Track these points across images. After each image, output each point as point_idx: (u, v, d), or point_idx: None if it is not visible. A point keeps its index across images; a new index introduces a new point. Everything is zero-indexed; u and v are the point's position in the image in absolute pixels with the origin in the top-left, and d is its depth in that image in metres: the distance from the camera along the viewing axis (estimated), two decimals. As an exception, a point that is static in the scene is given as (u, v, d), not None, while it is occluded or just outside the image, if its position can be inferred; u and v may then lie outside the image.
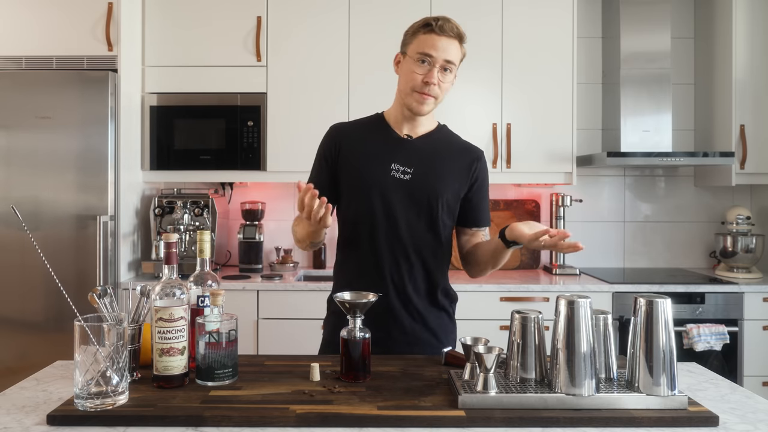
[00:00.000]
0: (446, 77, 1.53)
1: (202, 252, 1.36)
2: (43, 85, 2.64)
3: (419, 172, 1.55)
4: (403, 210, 1.54)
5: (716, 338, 2.65)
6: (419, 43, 1.52)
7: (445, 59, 1.51)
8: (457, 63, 1.55)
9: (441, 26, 1.51)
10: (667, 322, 1.14)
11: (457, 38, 1.54)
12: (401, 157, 1.56)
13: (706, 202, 3.34)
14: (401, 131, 1.60)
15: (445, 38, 1.51)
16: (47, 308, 2.62)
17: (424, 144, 1.60)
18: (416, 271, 1.56)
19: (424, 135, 1.62)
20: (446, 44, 1.51)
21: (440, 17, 1.54)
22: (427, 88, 1.50)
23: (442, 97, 1.56)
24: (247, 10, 2.95)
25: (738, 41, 2.97)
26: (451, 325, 1.67)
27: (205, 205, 2.95)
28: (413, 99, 1.53)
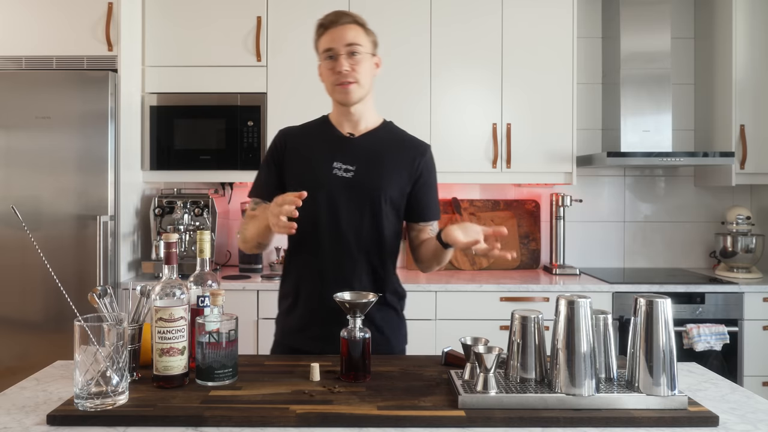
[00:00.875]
0: (357, 60, 1.54)
1: (202, 252, 1.36)
2: (43, 85, 2.64)
3: (361, 169, 1.57)
4: (346, 208, 1.55)
5: (716, 338, 2.65)
6: (321, 44, 1.58)
7: (344, 44, 1.53)
8: (362, 43, 1.55)
9: (331, 20, 1.56)
10: (667, 322, 1.14)
11: (353, 23, 1.56)
12: (343, 155, 1.58)
13: (706, 202, 3.34)
14: (344, 130, 1.63)
15: (339, 27, 1.54)
16: (47, 308, 2.62)
17: (367, 141, 1.61)
18: (360, 269, 1.57)
19: (367, 132, 1.63)
20: (341, 32, 1.54)
21: (329, 13, 1.57)
22: (341, 77, 1.53)
23: (365, 81, 1.57)
24: (247, 10, 2.95)
25: (738, 41, 2.97)
26: (400, 322, 1.68)
27: (205, 205, 2.95)
28: (337, 93, 1.56)
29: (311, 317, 1.57)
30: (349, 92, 1.54)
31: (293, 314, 1.62)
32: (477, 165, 2.98)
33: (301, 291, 1.60)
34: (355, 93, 1.55)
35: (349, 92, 1.54)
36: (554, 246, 3.17)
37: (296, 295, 1.61)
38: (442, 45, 2.98)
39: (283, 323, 1.65)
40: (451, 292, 2.71)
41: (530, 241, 3.27)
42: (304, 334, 1.58)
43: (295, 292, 1.61)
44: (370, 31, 1.60)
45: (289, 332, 1.62)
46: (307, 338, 1.57)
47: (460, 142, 2.98)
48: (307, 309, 1.58)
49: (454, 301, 2.71)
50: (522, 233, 3.27)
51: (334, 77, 1.54)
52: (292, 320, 1.62)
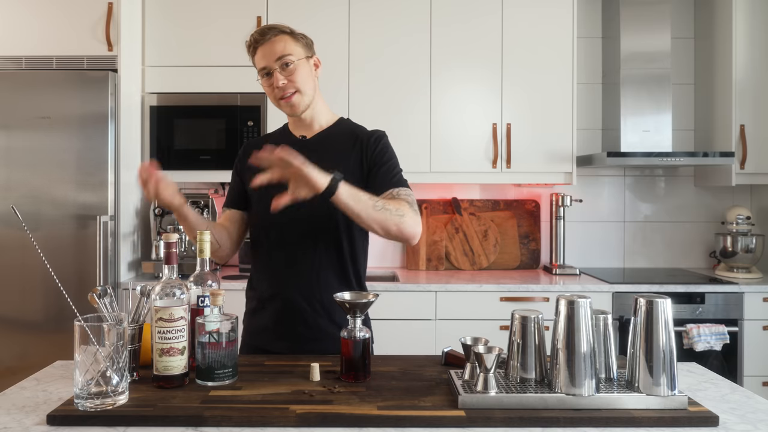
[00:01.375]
0: (291, 70, 1.54)
1: (202, 252, 1.36)
2: (43, 85, 2.64)
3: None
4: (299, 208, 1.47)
5: (716, 338, 2.65)
6: (256, 63, 1.59)
7: (275, 59, 1.54)
8: (292, 52, 1.54)
9: (255, 39, 1.56)
10: (667, 322, 1.14)
11: (280, 34, 1.55)
12: None
13: (706, 202, 3.34)
14: (297, 134, 1.65)
15: (267, 44, 1.55)
16: (47, 308, 2.62)
17: (319, 141, 1.63)
18: (321, 267, 1.56)
19: (320, 132, 1.64)
20: (269, 47, 1.54)
21: (254, 31, 1.57)
22: (280, 92, 1.55)
23: (306, 88, 1.56)
24: (247, 10, 2.95)
25: (738, 41, 2.97)
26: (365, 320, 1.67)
27: (205, 205, 2.95)
28: (283, 107, 1.59)
29: (274, 317, 1.58)
30: (293, 104, 1.56)
31: (257, 315, 1.63)
32: (477, 165, 2.98)
33: (263, 291, 1.61)
34: (299, 102, 1.57)
35: (293, 104, 1.56)
36: (554, 246, 3.17)
37: (259, 296, 1.62)
38: (442, 45, 2.98)
39: (248, 323, 1.66)
40: (451, 292, 2.71)
41: (530, 241, 3.27)
42: (270, 334, 1.58)
43: (258, 293, 1.63)
44: (299, 36, 1.58)
45: (255, 332, 1.63)
46: (273, 338, 1.58)
47: (460, 142, 2.98)
48: (270, 309, 1.59)
49: (454, 301, 2.71)
50: (522, 233, 3.27)
51: (274, 92, 1.56)
52: (257, 320, 1.63)
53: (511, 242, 3.26)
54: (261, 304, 1.62)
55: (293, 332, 1.56)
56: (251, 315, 1.65)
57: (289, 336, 1.56)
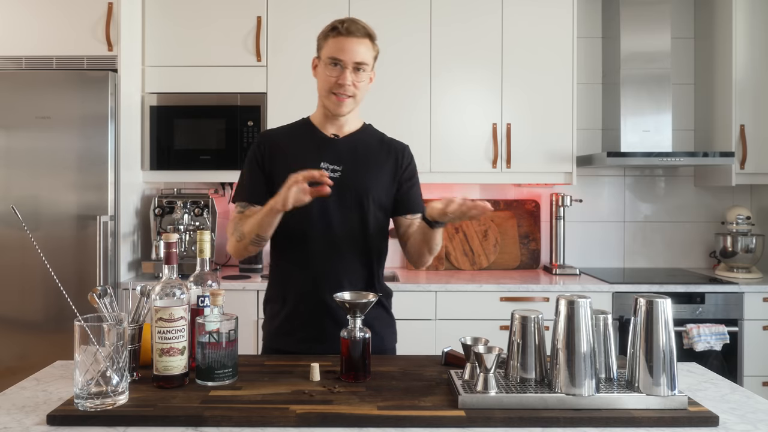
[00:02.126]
0: (360, 77, 1.56)
1: (202, 252, 1.36)
2: (43, 85, 2.64)
3: (348, 168, 1.59)
4: (335, 207, 1.56)
5: (716, 338, 2.65)
6: (329, 47, 1.57)
7: (354, 61, 1.54)
8: (369, 62, 1.57)
9: (347, 28, 1.55)
10: (667, 322, 1.14)
11: (366, 37, 1.57)
12: (330, 155, 1.60)
13: (706, 202, 3.34)
14: (327, 132, 1.64)
15: (354, 39, 1.54)
16: (47, 308, 2.62)
17: (352, 142, 1.63)
18: (350, 267, 1.58)
19: (351, 133, 1.65)
20: (354, 45, 1.54)
21: (346, 19, 1.57)
22: (342, 89, 1.55)
23: (360, 97, 1.60)
24: (247, 10, 2.95)
25: (738, 41, 2.97)
26: (390, 319, 1.68)
27: (205, 205, 2.95)
28: (330, 101, 1.58)
29: (301, 319, 1.57)
30: (343, 105, 1.57)
31: (281, 316, 1.61)
32: (477, 165, 2.98)
33: (290, 293, 1.60)
34: (348, 107, 1.58)
35: (343, 105, 1.57)
36: (554, 246, 3.17)
37: (284, 298, 1.61)
38: (442, 45, 2.98)
39: (270, 326, 1.64)
40: (451, 292, 2.71)
41: (530, 241, 3.27)
42: (294, 336, 1.58)
43: (284, 295, 1.61)
44: (376, 46, 1.61)
45: (278, 335, 1.62)
46: (297, 340, 1.57)
47: (460, 142, 2.98)
48: (298, 311, 1.58)
49: (454, 301, 2.71)
50: (522, 233, 3.27)
51: (334, 86, 1.55)
52: (280, 323, 1.61)
53: (511, 242, 3.26)
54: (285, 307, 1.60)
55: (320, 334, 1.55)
56: (273, 318, 1.63)
57: (315, 338, 1.55)
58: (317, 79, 1.62)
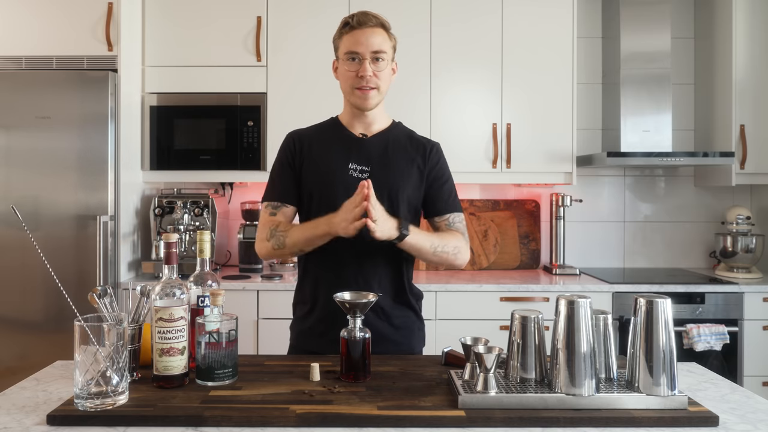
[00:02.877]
0: (380, 66, 1.55)
1: (202, 252, 1.36)
2: (43, 85, 2.64)
3: (376, 169, 1.58)
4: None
5: (716, 338, 2.65)
6: (344, 43, 1.56)
7: (371, 51, 1.53)
8: (387, 50, 1.56)
9: (359, 20, 1.55)
10: (667, 322, 1.14)
11: (380, 26, 1.57)
12: (357, 155, 1.59)
13: (706, 202, 3.34)
14: (356, 131, 1.62)
15: (367, 30, 1.54)
16: (47, 308, 2.62)
17: (380, 141, 1.62)
18: (380, 269, 1.57)
19: (379, 133, 1.63)
20: (369, 36, 1.54)
21: (357, 12, 1.57)
22: (363, 81, 1.53)
23: (384, 88, 1.58)
24: (247, 10, 2.95)
25: (738, 41, 2.97)
26: (419, 323, 1.67)
27: (205, 205, 2.95)
28: (356, 97, 1.56)
29: (332, 320, 1.55)
30: (368, 98, 1.55)
31: (312, 318, 1.60)
32: (477, 165, 2.98)
33: (320, 294, 1.59)
34: (374, 99, 1.56)
35: (368, 98, 1.55)
36: (554, 246, 3.17)
37: (315, 299, 1.60)
38: (442, 45, 2.98)
39: (301, 327, 1.63)
40: (451, 292, 2.71)
41: (530, 241, 3.27)
42: (325, 338, 1.56)
43: (314, 296, 1.60)
44: (392, 36, 1.60)
45: (308, 336, 1.61)
46: (328, 341, 1.54)
47: (460, 142, 2.98)
48: (327, 312, 1.56)
49: (454, 301, 2.71)
50: (522, 233, 3.27)
51: (355, 80, 1.54)
52: (311, 324, 1.60)
53: (511, 242, 3.26)
54: (315, 308, 1.60)
55: None
56: (303, 319, 1.63)
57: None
58: (339, 79, 1.61)
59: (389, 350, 1.54)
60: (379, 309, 1.56)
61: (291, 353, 1.65)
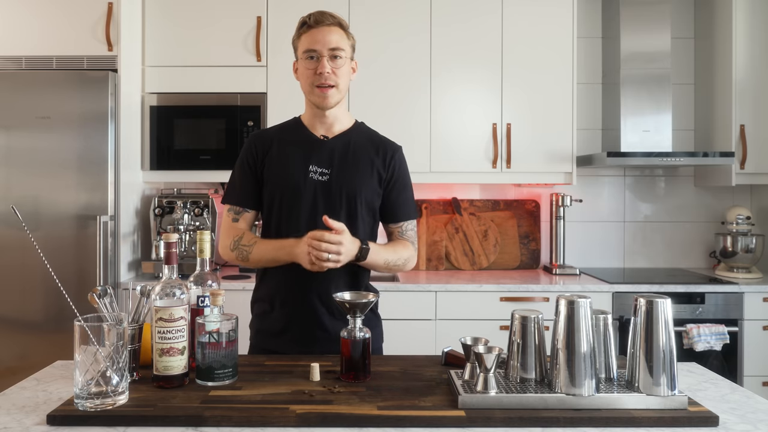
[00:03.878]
0: (338, 64, 1.55)
1: (202, 252, 1.36)
2: (43, 85, 2.64)
3: (336, 171, 1.58)
4: (323, 211, 1.54)
5: (716, 338, 2.65)
6: (303, 43, 1.57)
7: (328, 48, 1.54)
8: (344, 47, 1.57)
9: (316, 19, 1.56)
10: (667, 322, 1.14)
11: (337, 25, 1.57)
12: (318, 158, 1.59)
13: (706, 202, 3.34)
14: (317, 132, 1.63)
15: (324, 28, 1.55)
16: (47, 308, 2.62)
17: (341, 143, 1.62)
18: (338, 271, 1.55)
19: (341, 134, 1.63)
20: (325, 34, 1.54)
21: (314, 12, 1.57)
22: (322, 78, 1.54)
23: (343, 86, 1.58)
24: (247, 10, 2.95)
25: (738, 41, 2.97)
26: (375, 320, 1.68)
27: (205, 205, 2.95)
28: (315, 95, 1.57)
29: (289, 320, 1.58)
30: (327, 96, 1.56)
31: (270, 317, 1.61)
32: (477, 165, 2.98)
33: (277, 294, 1.60)
34: (333, 97, 1.57)
35: (327, 96, 1.56)
36: (554, 246, 3.17)
37: (272, 299, 1.61)
38: (442, 45, 2.98)
39: (259, 326, 1.65)
40: (451, 292, 2.71)
41: (530, 241, 3.27)
42: (282, 338, 1.58)
43: (272, 296, 1.61)
44: (350, 35, 1.61)
45: (266, 335, 1.62)
46: (285, 341, 1.57)
47: (460, 142, 2.98)
48: (285, 312, 1.58)
49: (454, 301, 2.71)
50: (522, 233, 3.27)
51: (314, 78, 1.55)
52: (269, 323, 1.61)
53: (511, 242, 3.26)
54: (273, 308, 1.60)
55: (308, 336, 1.56)
56: (262, 318, 1.64)
57: (302, 340, 1.56)
58: (299, 79, 1.62)
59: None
60: (336, 310, 1.56)
61: (251, 353, 1.65)
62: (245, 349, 2.61)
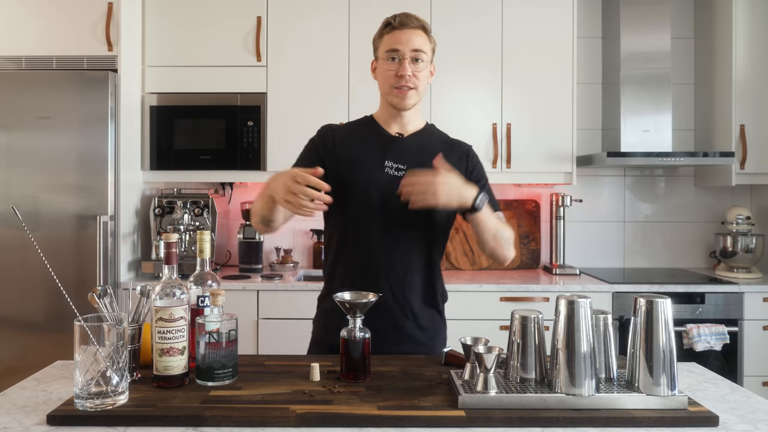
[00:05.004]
0: (419, 67, 1.56)
1: (202, 252, 1.36)
2: (43, 85, 2.64)
3: (413, 168, 1.56)
4: (398, 206, 1.51)
5: (716, 338, 2.65)
6: (385, 43, 1.57)
7: (411, 49, 1.54)
8: (426, 51, 1.57)
9: (401, 21, 1.56)
10: (667, 322, 1.14)
11: (420, 28, 1.57)
12: (394, 154, 1.59)
13: (706, 202, 3.34)
14: (392, 130, 1.63)
15: (408, 30, 1.55)
16: (47, 308, 2.62)
17: (416, 141, 1.62)
18: (412, 269, 1.56)
19: (414, 133, 1.64)
20: (409, 36, 1.55)
21: (399, 14, 1.58)
22: (403, 80, 1.54)
23: (422, 88, 1.59)
24: (247, 10, 2.95)
25: (738, 41, 2.97)
26: (442, 325, 1.67)
27: (205, 205, 2.95)
28: (394, 96, 1.56)
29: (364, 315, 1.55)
30: (406, 98, 1.55)
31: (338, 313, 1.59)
32: (477, 165, 2.98)
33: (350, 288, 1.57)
34: (412, 99, 1.57)
35: (406, 98, 1.55)
36: (554, 246, 3.17)
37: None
38: (442, 45, 2.94)
39: (327, 321, 1.60)
40: (451, 292, 2.67)
41: (530, 241, 3.27)
42: None
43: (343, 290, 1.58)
44: (432, 38, 1.61)
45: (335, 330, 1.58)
46: None
47: (460, 142, 2.97)
48: None
49: (454, 301, 2.67)
50: (522, 233, 3.27)
51: (394, 80, 1.54)
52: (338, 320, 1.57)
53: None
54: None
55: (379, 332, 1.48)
56: (329, 314, 1.58)
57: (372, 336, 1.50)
58: (377, 79, 1.61)
59: (414, 350, 1.54)
60: (408, 309, 1.56)
61: (313, 348, 1.63)
62: (250, 350, 2.64)
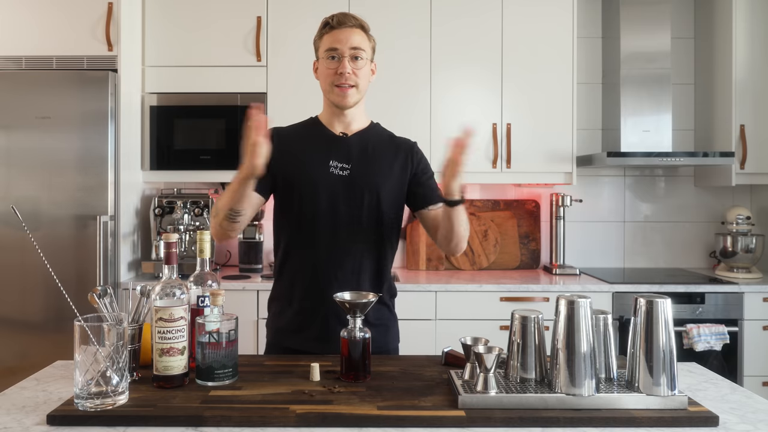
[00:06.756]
0: (359, 65, 1.57)
1: (202, 252, 1.36)
2: (43, 85, 2.64)
3: (357, 167, 1.59)
4: (345, 205, 1.56)
5: (716, 338, 2.65)
6: (324, 42, 1.59)
7: (350, 47, 1.56)
8: (365, 49, 1.59)
9: (338, 20, 1.58)
10: (667, 322, 1.14)
11: (359, 27, 1.59)
12: (338, 153, 1.60)
13: (706, 202, 3.34)
14: (335, 130, 1.64)
15: (346, 29, 1.57)
16: (47, 308, 2.62)
17: (360, 140, 1.64)
18: (360, 266, 1.57)
19: (359, 132, 1.65)
20: (348, 35, 1.56)
21: (337, 14, 1.60)
22: (342, 78, 1.56)
23: (363, 86, 1.60)
24: (247, 10, 2.95)
25: (738, 41, 2.97)
26: (393, 319, 1.68)
27: (205, 205, 2.95)
28: (335, 94, 1.58)
29: (310, 317, 1.57)
30: (347, 96, 1.57)
31: (287, 314, 1.61)
32: (477, 165, 2.98)
33: (297, 290, 1.59)
34: (353, 97, 1.58)
35: (347, 96, 1.57)
36: (554, 246, 3.17)
37: (292, 295, 1.60)
38: (442, 44, 2.98)
39: (277, 324, 1.64)
40: (451, 292, 2.71)
41: (530, 241, 3.27)
42: (302, 335, 1.57)
43: (291, 292, 1.60)
44: (371, 37, 1.63)
45: (285, 333, 1.61)
46: (305, 339, 1.57)
47: (460, 142, 2.97)
48: (305, 308, 1.58)
49: (454, 301, 2.71)
50: (522, 233, 3.27)
51: (334, 78, 1.57)
52: (287, 321, 1.60)
53: (511, 242, 3.26)
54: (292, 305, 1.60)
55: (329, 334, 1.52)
56: (279, 315, 1.63)
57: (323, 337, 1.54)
58: (319, 79, 1.63)
59: None
60: None
61: (268, 352, 1.65)
62: (250, 350, 2.64)
